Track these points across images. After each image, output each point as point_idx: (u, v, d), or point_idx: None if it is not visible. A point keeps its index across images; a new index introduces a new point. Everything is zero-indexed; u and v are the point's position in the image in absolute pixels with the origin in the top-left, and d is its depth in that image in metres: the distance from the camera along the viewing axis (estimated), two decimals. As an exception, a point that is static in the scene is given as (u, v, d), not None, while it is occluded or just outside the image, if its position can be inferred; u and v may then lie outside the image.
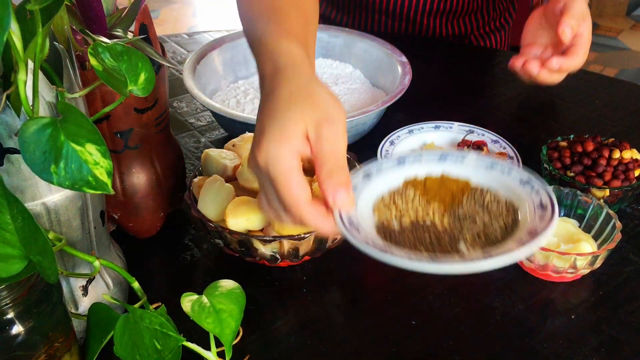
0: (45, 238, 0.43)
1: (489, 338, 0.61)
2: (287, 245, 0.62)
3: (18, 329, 0.46)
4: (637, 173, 0.74)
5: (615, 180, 0.73)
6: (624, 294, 0.66)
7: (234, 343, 0.53)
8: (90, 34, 0.58)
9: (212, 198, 0.64)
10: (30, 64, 0.44)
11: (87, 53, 0.51)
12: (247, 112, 0.89)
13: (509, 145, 0.84)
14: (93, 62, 0.50)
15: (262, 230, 0.64)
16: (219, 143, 0.91)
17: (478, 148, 0.84)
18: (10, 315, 0.45)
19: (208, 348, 0.53)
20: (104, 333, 0.51)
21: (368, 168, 0.60)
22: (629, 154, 0.75)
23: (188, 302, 0.53)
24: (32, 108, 0.45)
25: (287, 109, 0.53)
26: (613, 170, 0.74)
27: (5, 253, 0.43)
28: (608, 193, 0.73)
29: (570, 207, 0.71)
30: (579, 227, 0.70)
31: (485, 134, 0.86)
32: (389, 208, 0.57)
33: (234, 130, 0.83)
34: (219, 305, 0.53)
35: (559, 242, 0.66)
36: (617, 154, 0.75)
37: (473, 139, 0.86)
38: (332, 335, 0.62)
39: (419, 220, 0.55)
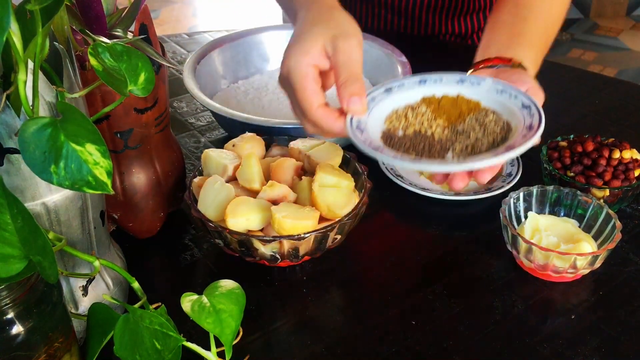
0: (45, 238, 0.43)
1: (489, 338, 0.61)
2: (287, 245, 0.62)
3: (18, 329, 0.46)
4: (637, 173, 0.74)
5: (615, 180, 0.73)
6: (624, 294, 0.66)
7: (234, 343, 0.53)
8: (90, 34, 0.58)
9: (212, 198, 0.64)
10: (30, 64, 0.44)
11: (87, 53, 0.51)
12: (247, 112, 0.89)
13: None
14: (93, 62, 0.50)
15: (262, 230, 0.64)
16: (219, 143, 0.91)
17: None
18: (10, 315, 0.45)
19: (208, 348, 0.53)
20: (104, 333, 0.51)
21: (390, 83, 0.66)
22: (629, 154, 0.75)
23: (188, 302, 0.53)
24: (32, 108, 0.45)
25: (307, 30, 0.62)
26: (613, 170, 0.74)
27: (5, 253, 0.43)
28: (608, 193, 0.73)
29: (570, 207, 0.71)
30: (579, 227, 0.70)
31: None
32: (399, 120, 0.63)
33: (234, 130, 0.83)
34: (219, 305, 0.53)
35: (559, 242, 0.66)
36: (617, 154, 0.75)
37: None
38: (332, 335, 0.62)
39: (421, 131, 0.61)
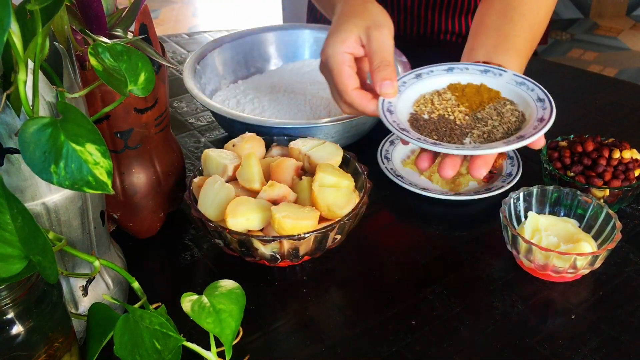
0: (45, 238, 0.43)
1: (489, 338, 0.61)
2: (287, 245, 0.62)
3: (18, 329, 0.46)
4: (637, 173, 0.74)
5: (615, 180, 0.73)
6: (624, 294, 0.66)
7: (234, 343, 0.53)
8: (90, 34, 0.58)
9: (212, 198, 0.64)
10: (30, 64, 0.44)
11: (87, 53, 0.51)
12: (247, 112, 0.89)
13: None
14: (93, 62, 0.50)
15: (262, 230, 0.64)
16: (219, 143, 0.91)
17: None
18: (10, 315, 0.45)
19: (208, 348, 0.53)
20: (104, 333, 0.51)
21: (420, 70, 0.73)
22: (629, 154, 0.75)
23: (188, 302, 0.53)
24: (32, 108, 0.45)
25: (344, 22, 0.69)
26: (613, 170, 0.74)
27: (5, 253, 0.43)
28: (608, 193, 0.73)
29: (570, 207, 0.71)
30: (579, 227, 0.70)
31: None
32: (426, 104, 0.70)
33: (234, 130, 0.84)
34: (219, 305, 0.53)
35: (559, 242, 0.66)
36: (617, 154, 0.75)
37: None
38: (332, 335, 0.62)
39: (445, 116, 0.68)
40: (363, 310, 0.64)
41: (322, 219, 0.64)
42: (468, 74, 0.72)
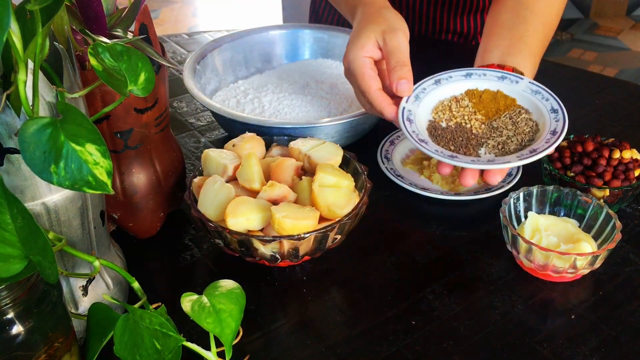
0: (45, 238, 0.43)
1: (489, 338, 0.61)
2: (287, 245, 0.62)
3: (18, 329, 0.46)
4: (637, 173, 0.74)
5: (615, 180, 0.73)
6: (624, 294, 0.66)
7: (234, 343, 0.53)
8: (90, 34, 0.58)
9: (212, 198, 0.64)
10: (30, 64, 0.44)
11: (87, 53, 0.51)
12: (247, 112, 0.89)
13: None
14: (93, 62, 0.50)
15: (262, 230, 0.64)
16: (219, 143, 0.91)
17: None
18: (10, 315, 0.45)
19: (208, 348, 0.53)
20: (104, 333, 0.51)
21: (439, 76, 0.76)
22: (629, 154, 0.75)
23: (188, 302, 0.53)
24: (32, 108, 0.45)
25: (362, 28, 0.74)
26: (613, 170, 0.74)
27: (5, 253, 0.43)
28: (608, 193, 0.73)
29: (570, 207, 0.71)
30: (579, 227, 0.70)
31: None
32: (444, 111, 0.73)
33: (234, 130, 0.84)
34: (219, 305, 0.53)
35: (559, 242, 0.66)
36: (617, 154, 0.75)
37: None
38: (332, 335, 0.62)
39: (462, 124, 0.71)
40: (363, 310, 0.64)
41: (322, 219, 0.64)
42: (486, 80, 0.75)
